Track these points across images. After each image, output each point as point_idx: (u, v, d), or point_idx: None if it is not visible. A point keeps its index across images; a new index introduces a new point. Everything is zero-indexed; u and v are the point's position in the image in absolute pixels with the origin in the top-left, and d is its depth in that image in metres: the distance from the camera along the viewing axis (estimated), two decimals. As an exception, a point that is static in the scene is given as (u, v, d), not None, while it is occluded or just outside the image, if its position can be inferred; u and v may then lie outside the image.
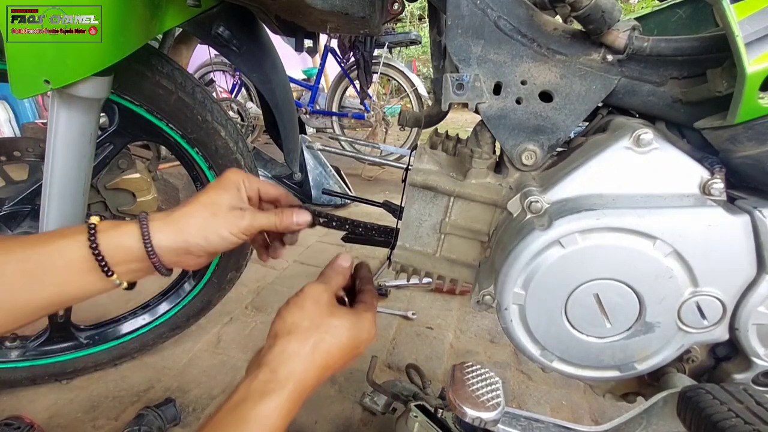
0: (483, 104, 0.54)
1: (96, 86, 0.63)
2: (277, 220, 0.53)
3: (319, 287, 0.49)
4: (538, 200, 0.51)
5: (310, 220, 0.56)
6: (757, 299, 0.48)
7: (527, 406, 1.02)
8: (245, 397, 0.40)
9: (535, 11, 0.52)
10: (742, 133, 0.44)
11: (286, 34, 0.81)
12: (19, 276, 0.42)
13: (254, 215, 0.51)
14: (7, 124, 3.12)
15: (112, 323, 1.06)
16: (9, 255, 0.42)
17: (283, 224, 0.53)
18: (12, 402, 0.98)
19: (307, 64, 5.17)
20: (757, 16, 0.40)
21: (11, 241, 0.44)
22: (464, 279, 0.63)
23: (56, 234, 0.45)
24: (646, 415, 0.55)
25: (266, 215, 0.52)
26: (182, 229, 0.47)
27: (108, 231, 0.45)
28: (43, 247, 0.43)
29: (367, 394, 0.98)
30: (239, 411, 0.39)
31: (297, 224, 0.54)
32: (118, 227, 0.46)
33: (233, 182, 0.52)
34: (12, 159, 0.89)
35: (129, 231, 0.46)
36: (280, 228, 0.53)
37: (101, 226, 0.45)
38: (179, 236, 0.47)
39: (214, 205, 0.49)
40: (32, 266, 0.42)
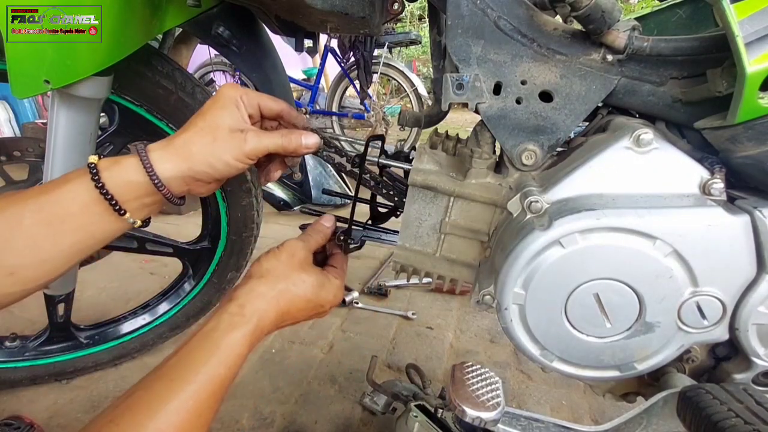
0: (483, 104, 0.54)
1: (96, 86, 0.63)
2: (284, 141, 0.50)
3: (297, 243, 0.54)
4: (538, 200, 0.51)
5: (319, 142, 0.53)
6: (757, 299, 0.48)
7: (527, 406, 1.02)
8: (216, 326, 0.44)
9: (535, 11, 0.52)
10: (742, 133, 0.44)
11: (286, 34, 0.81)
12: (38, 227, 0.41)
13: (258, 137, 0.48)
14: (7, 124, 3.12)
15: (112, 323, 1.06)
16: (23, 206, 0.41)
17: (291, 146, 0.50)
18: (12, 402, 0.98)
19: (307, 64, 5.17)
20: (757, 16, 0.40)
21: (22, 194, 0.43)
22: (464, 279, 0.63)
23: (62, 179, 0.44)
24: (646, 415, 0.55)
25: (271, 137, 0.49)
26: (186, 157, 0.45)
27: (111, 168, 0.44)
28: (54, 194, 0.42)
29: (367, 394, 0.98)
30: (211, 337, 0.43)
31: (306, 147, 0.52)
32: (118, 163, 0.44)
33: (231, 99, 0.48)
34: (12, 159, 0.89)
35: (131, 165, 0.44)
36: (287, 151, 0.51)
37: (102, 164, 0.44)
38: (183, 164, 0.45)
39: (214, 128, 0.46)
40: (49, 215, 0.42)
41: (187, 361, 0.41)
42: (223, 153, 0.46)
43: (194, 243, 1.03)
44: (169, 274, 1.51)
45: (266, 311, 0.47)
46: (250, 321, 0.45)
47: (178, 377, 0.40)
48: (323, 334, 1.25)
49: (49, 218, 0.42)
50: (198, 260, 1.05)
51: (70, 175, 0.44)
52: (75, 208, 0.43)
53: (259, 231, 1.02)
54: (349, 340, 1.23)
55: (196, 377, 0.40)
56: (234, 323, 0.45)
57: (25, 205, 0.42)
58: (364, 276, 1.57)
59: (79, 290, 0.97)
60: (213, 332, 0.44)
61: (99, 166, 0.43)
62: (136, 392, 0.38)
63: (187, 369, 0.40)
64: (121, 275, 1.50)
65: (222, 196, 0.92)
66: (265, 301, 0.48)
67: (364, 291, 1.47)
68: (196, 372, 0.40)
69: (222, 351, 0.42)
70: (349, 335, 1.25)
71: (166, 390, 0.38)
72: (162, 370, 0.40)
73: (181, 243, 1.03)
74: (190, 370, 0.40)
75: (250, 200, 0.93)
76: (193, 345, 0.43)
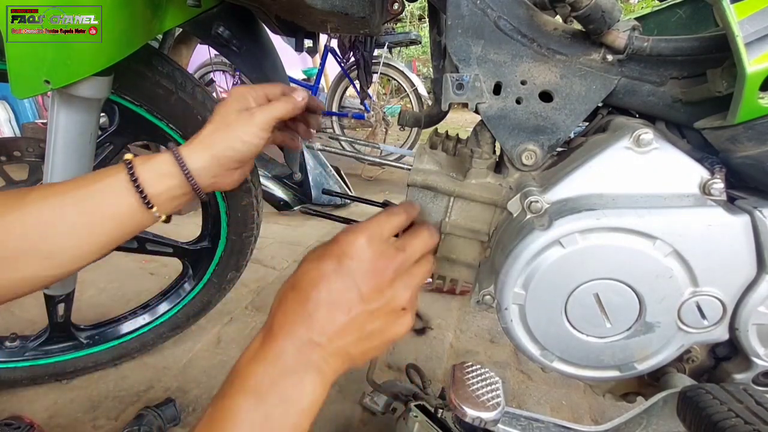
0: (483, 104, 0.54)
1: (96, 86, 0.63)
2: (285, 103, 0.54)
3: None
4: (538, 200, 0.51)
5: (305, 94, 0.58)
6: (757, 299, 0.48)
7: (527, 406, 1.02)
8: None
9: (535, 11, 0.52)
10: (742, 133, 0.44)
11: (286, 34, 0.81)
12: (77, 215, 0.45)
13: (264, 109, 0.53)
14: (7, 124, 3.12)
15: (112, 323, 1.06)
16: (64, 197, 0.45)
17: (290, 105, 0.55)
18: (12, 402, 0.98)
19: (307, 64, 5.17)
20: (757, 16, 0.40)
21: (62, 185, 0.47)
22: (464, 279, 0.63)
23: (100, 174, 0.48)
24: (646, 415, 0.55)
25: (276, 104, 0.54)
26: (208, 146, 0.51)
27: (145, 164, 0.49)
28: (93, 187, 0.47)
29: (367, 394, 0.98)
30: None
31: (302, 99, 0.57)
32: (152, 158, 0.50)
33: (238, 93, 0.55)
34: (12, 159, 0.89)
35: (164, 159, 0.50)
36: (296, 108, 0.56)
37: (137, 160, 0.49)
38: (207, 153, 0.51)
39: (226, 116, 0.53)
40: (88, 205, 0.46)
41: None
42: (238, 132, 0.52)
43: (194, 243, 1.03)
44: (169, 274, 1.51)
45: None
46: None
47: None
48: (323, 334, 1.24)
49: (88, 208, 0.46)
50: (198, 260, 1.05)
51: (109, 171, 0.48)
52: (111, 199, 0.47)
53: (259, 231, 1.02)
54: (349, 340, 1.23)
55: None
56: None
57: (65, 196, 0.45)
58: (364, 276, 1.57)
59: (79, 290, 0.97)
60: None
61: (134, 161, 0.49)
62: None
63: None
64: (121, 275, 1.50)
65: (222, 196, 0.92)
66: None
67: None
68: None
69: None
70: (349, 335, 1.25)
71: None
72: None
73: (181, 243, 1.03)
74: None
75: (250, 200, 0.93)
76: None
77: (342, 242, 0.41)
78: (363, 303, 0.39)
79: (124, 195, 0.47)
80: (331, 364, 0.38)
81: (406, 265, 0.43)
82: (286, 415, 0.35)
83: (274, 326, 0.38)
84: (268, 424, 0.34)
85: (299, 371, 0.36)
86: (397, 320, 0.42)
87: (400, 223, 0.45)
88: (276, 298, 0.41)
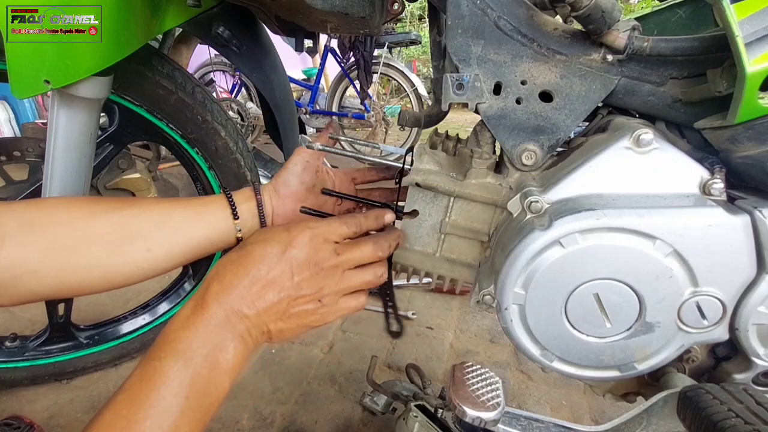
0: (483, 104, 0.54)
1: (96, 86, 0.63)
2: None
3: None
4: (538, 200, 0.51)
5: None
6: (757, 299, 0.48)
7: (527, 406, 1.02)
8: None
9: (535, 11, 0.52)
10: (742, 133, 0.44)
11: (286, 34, 0.81)
12: (182, 216, 0.52)
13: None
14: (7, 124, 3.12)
15: (112, 323, 1.06)
16: (176, 202, 0.54)
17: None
18: (12, 402, 0.98)
19: (307, 64, 5.17)
20: (757, 16, 0.40)
21: (172, 198, 0.56)
22: (464, 279, 0.63)
23: (203, 197, 0.58)
24: (646, 415, 0.55)
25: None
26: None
27: (235, 193, 0.57)
28: (201, 200, 0.56)
29: (367, 394, 0.98)
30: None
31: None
32: (240, 193, 0.58)
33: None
34: (12, 159, 0.89)
35: (247, 189, 0.59)
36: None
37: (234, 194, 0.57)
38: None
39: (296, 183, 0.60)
40: (193, 210, 0.53)
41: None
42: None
43: (194, 243, 1.03)
44: (169, 274, 1.51)
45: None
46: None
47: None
48: (323, 334, 1.25)
49: (193, 212, 0.53)
50: (198, 261, 1.05)
51: (212, 197, 0.57)
52: (210, 210, 0.54)
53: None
54: (349, 340, 1.23)
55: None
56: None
57: (176, 202, 0.54)
58: (364, 276, 1.57)
59: (79, 290, 0.96)
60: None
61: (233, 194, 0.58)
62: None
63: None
64: (121, 275, 1.50)
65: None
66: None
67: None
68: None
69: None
70: (349, 335, 1.25)
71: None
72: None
73: (181, 243, 1.03)
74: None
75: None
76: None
77: (292, 232, 0.46)
78: (293, 288, 0.45)
79: (221, 209, 0.55)
80: (253, 336, 0.44)
81: (339, 269, 0.48)
82: (210, 377, 0.39)
83: (208, 294, 0.42)
84: (194, 383, 0.38)
85: (226, 338, 0.41)
86: (314, 311, 0.48)
87: (346, 234, 0.51)
88: (214, 268, 0.45)
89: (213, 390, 0.40)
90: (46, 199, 0.53)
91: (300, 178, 0.60)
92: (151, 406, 0.35)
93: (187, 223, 0.53)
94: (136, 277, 0.51)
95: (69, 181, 0.70)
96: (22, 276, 0.44)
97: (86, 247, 0.47)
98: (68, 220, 0.47)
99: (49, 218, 0.46)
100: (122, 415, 0.35)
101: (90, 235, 0.47)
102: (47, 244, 0.45)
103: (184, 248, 0.53)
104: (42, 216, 0.46)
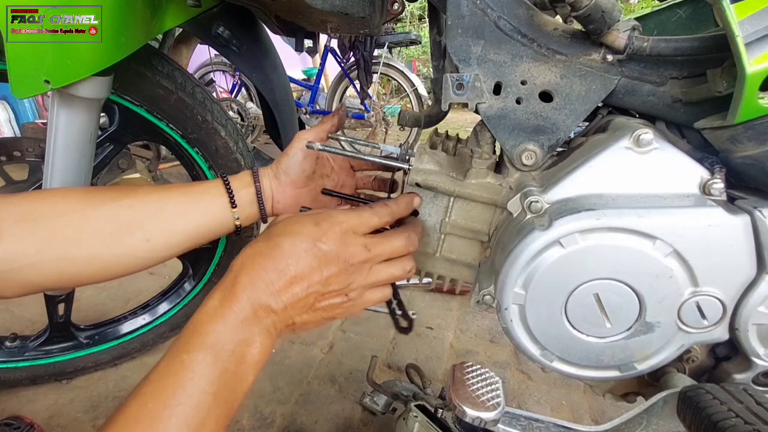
0: (483, 104, 0.54)
1: (96, 86, 0.63)
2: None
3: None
4: (538, 200, 0.51)
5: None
6: (758, 299, 0.48)
7: (527, 406, 1.02)
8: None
9: (535, 11, 0.52)
10: (742, 133, 0.44)
11: (286, 34, 0.81)
12: (179, 204, 0.52)
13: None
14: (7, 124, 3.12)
15: (112, 323, 1.06)
16: (172, 190, 0.53)
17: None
18: (12, 402, 0.98)
19: (307, 64, 5.17)
20: (757, 16, 0.40)
21: (168, 185, 0.55)
22: (464, 279, 0.63)
23: (200, 183, 0.57)
24: (646, 415, 0.55)
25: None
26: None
27: (234, 178, 0.58)
28: (196, 188, 0.55)
29: (367, 394, 0.98)
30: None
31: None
32: (240, 174, 0.59)
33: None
34: (12, 159, 0.89)
35: (246, 173, 0.59)
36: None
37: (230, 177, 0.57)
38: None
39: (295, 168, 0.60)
40: (190, 198, 0.53)
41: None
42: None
43: (194, 243, 1.03)
44: (169, 274, 1.51)
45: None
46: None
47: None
48: (323, 334, 1.25)
49: (190, 199, 0.53)
50: (198, 260, 1.05)
51: (207, 182, 0.57)
52: (207, 197, 0.54)
53: (260, 230, 1.02)
54: (349, 340, 1.23)
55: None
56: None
57: (172, 190, 0.53)
58: (364, 276, 1.57)
59: (79, 290, 0.97)
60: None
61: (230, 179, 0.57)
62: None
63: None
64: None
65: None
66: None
67: (364, 291, 1.47)
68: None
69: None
70: (349, 335, 1.25)
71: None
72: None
73: (181, 243, 1.03)
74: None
75: (250, 200, 0.93)
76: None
77: (322, 226, 0.45)
78: (321, 284, 0.44)
79: (219, 196, 0.55)
80: (278, 329, 0.43)
81: (369, 264, 0.47)
82: (237, 371, 0.39)
83: (237, 287, 0.41)
84: (221, 379, 0.37)
85: (253, 332, 0.40)
86: (341, 305, 0.47)
87: (378, 225, 0.49)
88: (240, 258, 0.43)
89: (238, 386, 0.39)
90: (44, 192, 0.52)
91: (300, 165, 0.59)
92: (178, 402, 0.35)
93: (185, 211, 0.53)
94: (135, 266, 0.51)
95: (69, 181, 0.70)
96: (21, 269, 0.44)
97: (85, 239, 0.47)
98: (66, 212, 0.47)
99: (46, 211, 0.46)
100: (148, 410, 0.34)
101: (88, 227, 0.47)
102: (45, 236, 0.45)
103: (183, 236, 0.53)
104: (39, 208, 0.46)
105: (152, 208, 0.51)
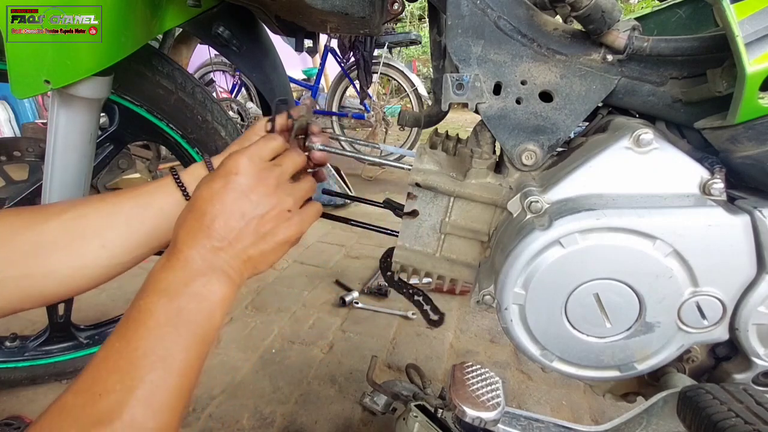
0: (483, 104, 0.54)
1: (96, 86, 0.63)
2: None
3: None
4: (538, 200, 0.51)
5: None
6: (757, 299, 0.48)
7: (527, 406, 1.02)
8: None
9: (535, 11, 0.52)
10: (742, 133, 0.44)
11: (286, 34, 0.81)
12: (133, 209, 0.51)
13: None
14: (7, 124, 3.12)
15: (112, 323, 1.06)
16: (123, 195, 0.52)
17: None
18: (12, 402, 0.98)
19: (307, 64, 5.17)
20: (757, 16, 0.40)
21: (119, 191, 0.54)
22: (464, 279, 0.63)
23: (151, 182, 0.55)
24: (646, 415, 0.55)
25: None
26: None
27: (185, 170, 0.56)
28: (147, 188, 0.54)
29: (367, 394, 0.98)
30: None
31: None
32: (191, 166, 0.57)
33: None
34: (12, 159, 0.89)
35: (199, 165, 0.56)
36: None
37: (180, 169, 0.56)
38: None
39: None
40: (142, 201, 0.52)
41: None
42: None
43: (194, 243, 1.03)
44: (169, 274, 1.51)
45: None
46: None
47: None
48: (323, 334, 1.25)
49: (143, 200, 0.52)
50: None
51: (158, 180, 0.55)
52: (160, 197, 0.53)
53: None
54: (349, 340, 1.23)
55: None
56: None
57: (122, 195, 0.52)
58: (364, 276, 1.57)
59: (79, 290, 0.96)
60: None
61: (177, 169, 0.56)
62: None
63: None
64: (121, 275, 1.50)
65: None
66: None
67: (364, 291, 1.47)
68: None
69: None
70: (349, 335, 1.25)
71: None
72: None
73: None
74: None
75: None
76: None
77: (227, 164, 0.46)
78: (253, 209, 0.45)
79: (171, 193, 0.54)
80: (235, 267, 0.44)
81: (284, 176, 0.49)
82: (198, 309, 0.40)
83: (177, 242, 0.43)
84: (181, 315, 0.39)
85: (207, 273, 0.42)
86: (286, 222, 0.48)
87: (276, 147, 0.50)
88: (176, 223, 0.45)
89: (205, 321, 0.41)
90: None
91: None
92: (141, 337, 0.37)
93: (139, 212, 0.52)
94: (98, 277, 0.50)
95: (69, 181, 0.70)
96: None
97: (42, 253, 0.47)
98: (20, 229, 0.46)
99: (2, 229, 0.46)
100: (115, 349, 0.37)
101: (44, 240, 0.47)
102: (4, 255, 0.45)
103: (142, 239, 0.52)
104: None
105: (105, 214, 0.50)
